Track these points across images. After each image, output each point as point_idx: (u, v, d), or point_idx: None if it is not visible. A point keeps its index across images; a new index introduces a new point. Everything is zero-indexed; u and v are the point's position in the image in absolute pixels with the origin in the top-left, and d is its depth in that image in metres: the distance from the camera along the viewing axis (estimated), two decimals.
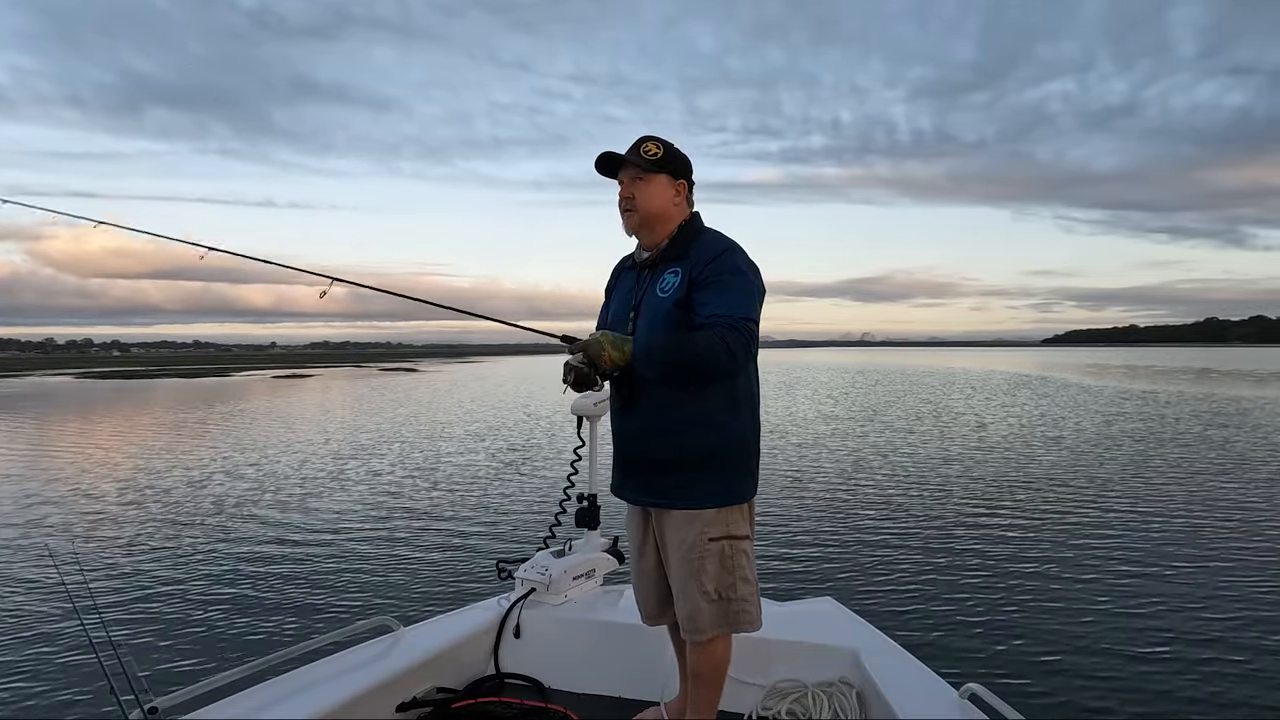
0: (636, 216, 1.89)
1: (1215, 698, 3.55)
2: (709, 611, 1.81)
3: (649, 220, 1.89)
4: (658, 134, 1.93)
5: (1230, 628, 4.34)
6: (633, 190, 1.88)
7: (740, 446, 1.84)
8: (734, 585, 1.82)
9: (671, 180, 1.90)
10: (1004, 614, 4.59)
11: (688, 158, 1.94)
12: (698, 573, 1.81)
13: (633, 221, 1.91)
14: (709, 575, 1.81)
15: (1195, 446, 11.72)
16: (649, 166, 1.87)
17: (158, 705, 1.49)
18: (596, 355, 1.76)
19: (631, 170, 1.89)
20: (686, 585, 1.82)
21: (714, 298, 1.74)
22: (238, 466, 10.98)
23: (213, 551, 6.27)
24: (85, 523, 7.47)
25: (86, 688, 3.66)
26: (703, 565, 1.81)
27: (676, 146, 1.92)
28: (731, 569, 1.82)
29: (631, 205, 1.89)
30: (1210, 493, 8.16)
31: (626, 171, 1.90)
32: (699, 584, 1.81)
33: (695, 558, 1.81)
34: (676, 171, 1.90)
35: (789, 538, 6.36)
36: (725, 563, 1.82)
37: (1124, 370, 45.66)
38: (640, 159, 1.87)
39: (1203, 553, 5.85)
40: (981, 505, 7.66)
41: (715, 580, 1.81)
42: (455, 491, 8.78)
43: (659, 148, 1.88)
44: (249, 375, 51.98)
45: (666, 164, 1.88)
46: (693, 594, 1.82)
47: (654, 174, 1.87)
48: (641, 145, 1.89)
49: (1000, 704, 1.67)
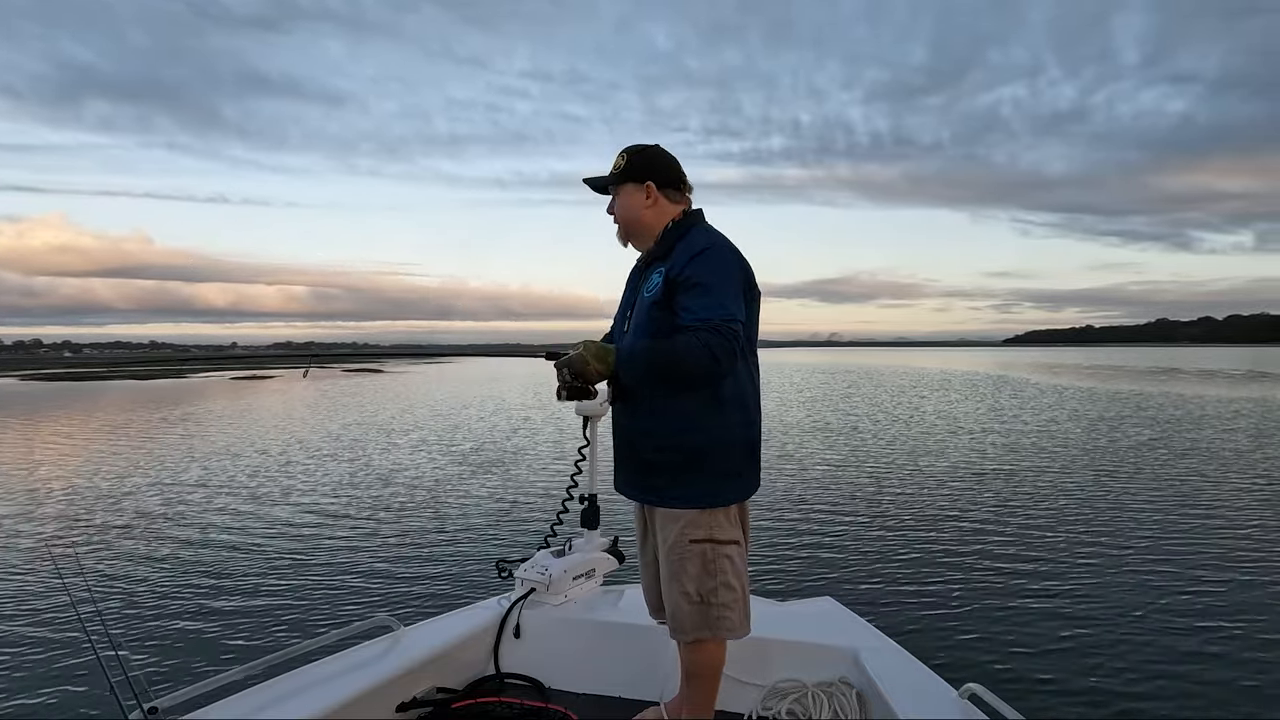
0: (620, 229, 1.98)
1: (1216, 697, 3.55)
2: (690, 613, 1.82)
3: (628, 229, 1.97)
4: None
5: (1231, 627, 4.34)
6: (613, 206, 1.97)
7: (725, 449, 1.81)
8: (715, 590, 1.81)
9: (636, 185, 1.92)
10: (1004, 614, 4.59)
11: (656, 157, 1.93)
12: (679, 573, 1.82)
13: (618, 234, 2.00)
14: (689, 577, 1.81)
15: (1196, 447, 11.72)
16: (615, 180, 1.94)
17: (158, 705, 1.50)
18: (581, 370, 1.78)
19: (610, 189, 1.98)
20: (669, 585, 1.84)
21: (695, 300, 1.71)
22: (235, 467, 10.98)
23: (212, 552, 6.26)
24: (85, 523, 7.46)
25: (86, 688, 3.66)
26: (684, 566, 1.81)
27: (650, 149, 1.95)
28: (714, 573, 1.81)
29: (616, 219, 1.98)
30: (1211, 494, 8.16)
31: (610, 188, 1.99)
32: (680, 584, 1.82)
33: (676, 558, 1.82)
34: (638, 176, 1.92)
35: (789, 538, 6.36)
36: (707, 566, 1.81)
37: (1091, 370, 45.74)
38: (607, 176, 1.96)
39: (1203, 552, 5.84)
40: (982, 505, 7.66)
41: (696, 582, 1.81)
42: (455, 491, 8.77)
43: (623, 158, 1.93)
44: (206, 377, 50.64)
45: (626, 172, 1.92)
46: (674, 594, 1.83)
47: (620, 185, 1.94)
48: (615, 162, 1.96)
49: (1000, 704, 1.67)
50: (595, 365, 1.77)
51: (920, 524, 6.87)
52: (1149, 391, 25.53)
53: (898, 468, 10.07)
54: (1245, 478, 9.05)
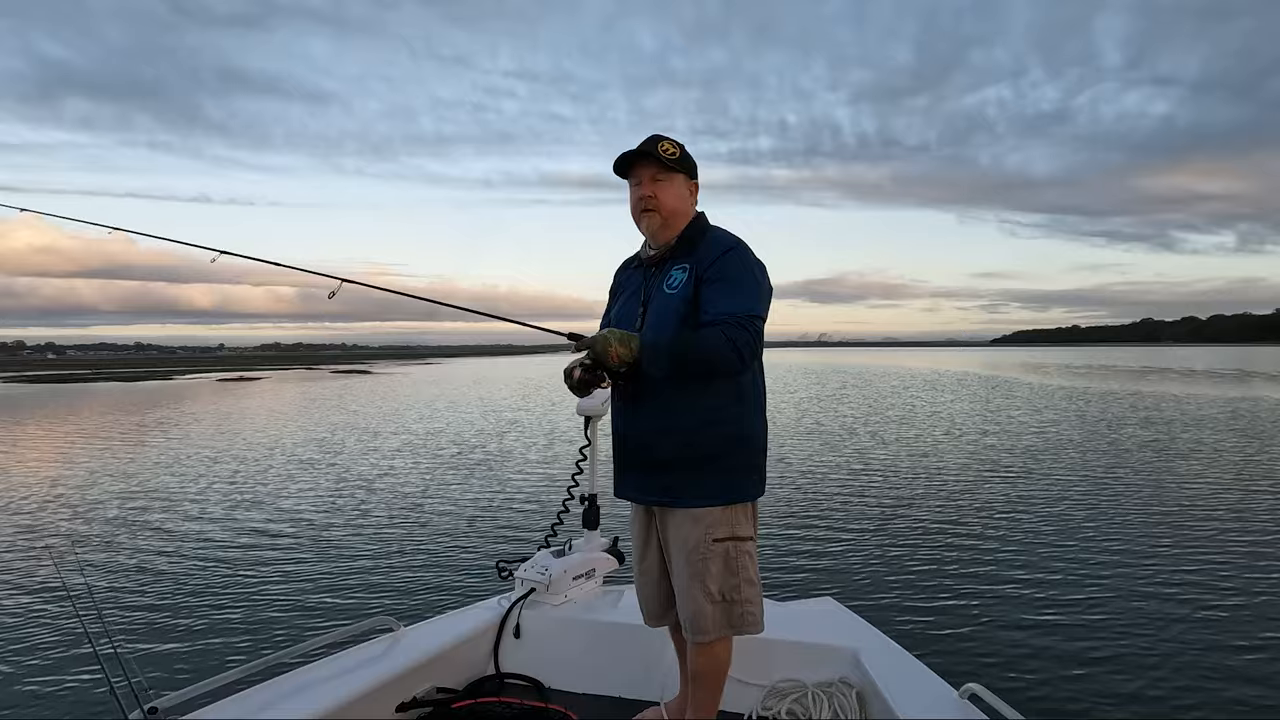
0: (659, 216, 1.86)
1: (1216, 696, 3.55)
2: (712, 613, 1.80)
3: (670, 219, 1.87)
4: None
5: (1231, 627, 4.34)
6: (654, 189, 1.86)
7: (747, 444, 1.83)
8: (738, 587, 1.81)
9: (687, 180, 1.90)
10: (1004, 614, 4.59)
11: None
12: (701, 574, 1.79)
13: (654, 222, 1.87)
14: (713, 577, 1.79)
15: (1196, 447, 11.72)
16: (671, 166, 1.86)
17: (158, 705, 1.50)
18: (603, 352, 1.70)
19: (652, 169, 1.86)
20: (690, 586, 1.81)
21: (721, 295, 1.73)
22: (235, 467, 10.98)
23: (213, 552, 6.26)
24: (85, 523, 7.46)
25: (86, 688, 3.65)
26: (706, 567, 1.79)
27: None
28: (735, 570, 1.81)
29: (653, 205, 1.86)
30: (1211, 494, 8.16)
31: (645, 170, 1.87)
32: (702, 585, 1.79)
33: (699, 559, 1.79)
34: (692, 171, 1.91)
35: (789, 538, 6.37)
36: (729, 564, 1.80)
37: (1083, 370, 45.85)
38: (662, 158, 1.85)
39: (1204, 552, 5.84)
40: (981, 506, 7.66)
41: (719, 582, 1.80)
42: (455, 491, 8.77)
43: (675, 147, 1.88)
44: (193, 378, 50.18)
45: (684, 164, 1.89)
46: (696, 595, 1.80)
47: (674, 173, 1.87)
48: (659, 144, 1.87)
49: (1000, 704, 1.67)
50: (619, 349, 1.68)
51: (920, 524, 6.87)
52: (1143, 391, 25.55)
53: (897, 468, 10.07)
54: (1245, 477, 9.05)
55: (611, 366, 1.73)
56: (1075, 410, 18.50)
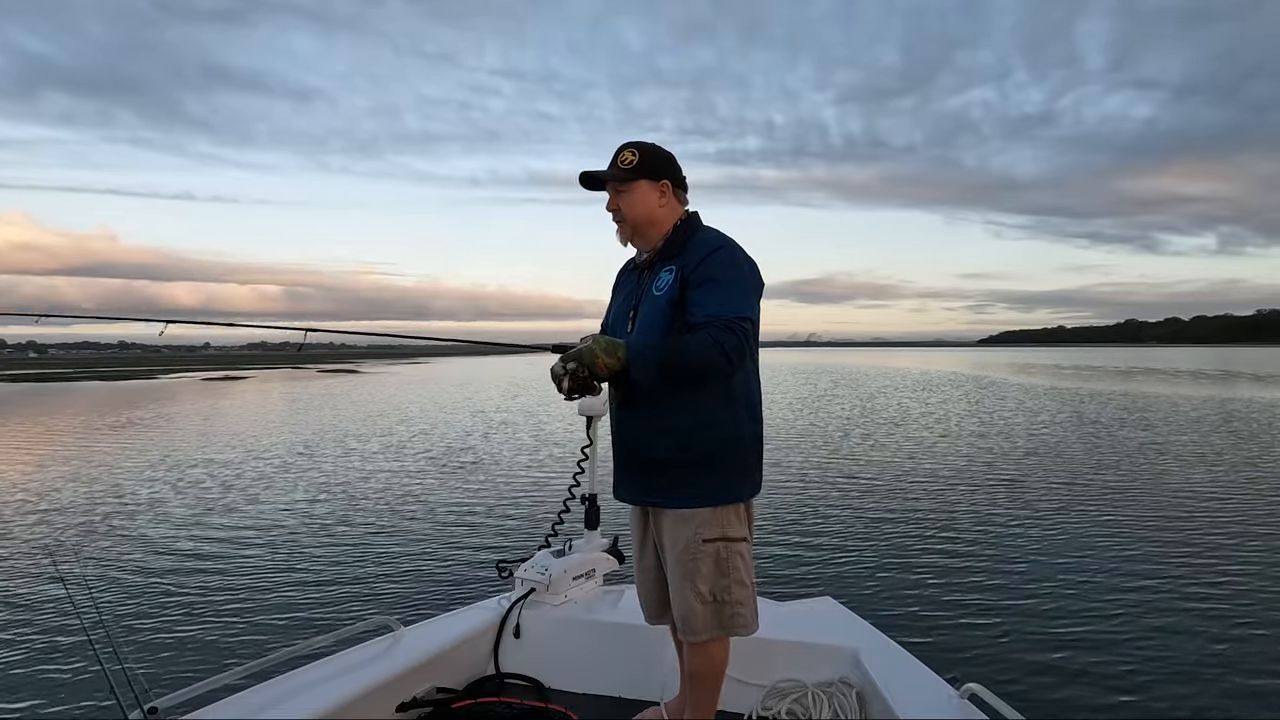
0: (627, 227, 1.91)
1: (1216, 696, 3.55)
2: (703, 614, 1.81)
3: (639, 228, 1.90)
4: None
5: (1232, 627, 4.34)
6: (617, 202, 1.89)
7: (737, 445, 1.83)
8: (729, 588, 1.81)
9: (651, 183, 1.88)
10: (1004, 614, 4.59)
11: (668, 156, 1.92)
12: (691, 574, 1.80)
13: (624, 232, 1.92)
14: (703, 577, 1.80)
15: (1195, 448, 11.72)
16: (625, 176, 1.87)
17: (158, 705, 1.49)
18: (591, 363, 1.73)
19: (612, 183, 1.90)
20: (681, 586, 1.82)
21: (708, 297, 1.72)
22: (235, 467, 10.97)
23: (213, 551, 6.26)
24: (85, 524, 7.45)
25: (86, 688, 3.65)
26: (697, 567, 1.80)
27: (655, 146, 1.92)
28: (726, 571, 1.81)
29: (620, 217, 1.90)
30: (1208, 495, 8.16)
31: (610, 183, 1.90)
32: (693, 586, 1.80)
33: (689, 559, 1.80)
34: (653, 173, 1.89)
35: (789, 538, 6.37)
36: (720, 565, 1.81)
37: (1072, 371, 45.95)
38: (617, 171, 1.87)
39: (1204, 552, 5.84)
40: (981, 505, 7.66)
41: (710, 582, 1.80)
42: (455, 491, 8.77)
43: (634, 154, 1.88)
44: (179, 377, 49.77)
45: (642, 168, 1.87)
46: (687, 596, 1.81)
47: (632, 181, 1.87)
48: (619, 156, 1.89)
49: (1000, 704, 1.67)
50: (605, 359, 1.72)
51: (920, 524, 6.87)
52: (1134, 391, 25.57)
53: (896, 468, 10.07)
54: (1239, 477, 9.05)
55: (601, 376, 1.76)
56: (1069, 411, 18.50)
